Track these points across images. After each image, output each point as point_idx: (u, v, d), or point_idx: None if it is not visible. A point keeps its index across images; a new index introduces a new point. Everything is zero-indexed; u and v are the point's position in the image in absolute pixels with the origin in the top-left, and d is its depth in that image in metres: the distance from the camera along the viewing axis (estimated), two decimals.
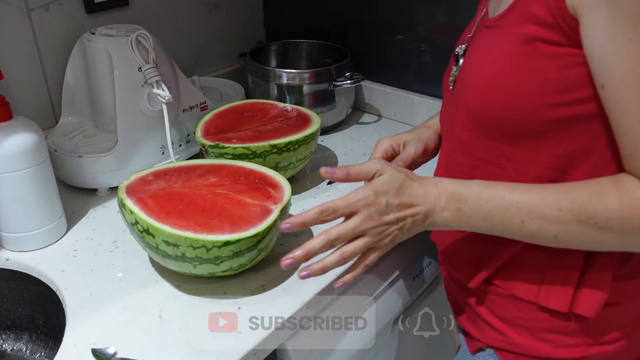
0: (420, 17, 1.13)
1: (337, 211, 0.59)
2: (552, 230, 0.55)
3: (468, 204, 0.58)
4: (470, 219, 0.58)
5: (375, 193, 0.59)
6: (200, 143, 0.90)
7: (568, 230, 0.54)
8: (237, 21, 1.33)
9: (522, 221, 0.56)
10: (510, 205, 0.56)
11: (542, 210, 0.55)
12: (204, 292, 0.72)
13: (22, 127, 0.74)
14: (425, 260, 0.97)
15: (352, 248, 0.60)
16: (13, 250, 0.79)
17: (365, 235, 0.60)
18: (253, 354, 0.64)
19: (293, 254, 0.60)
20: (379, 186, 0.59)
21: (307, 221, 0.60)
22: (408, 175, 0.61)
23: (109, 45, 0.88)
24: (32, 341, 0.85)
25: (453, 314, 0.80)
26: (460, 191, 0.59)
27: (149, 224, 0.67)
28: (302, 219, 0.60)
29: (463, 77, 0.64)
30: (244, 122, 0.96)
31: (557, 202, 0.54)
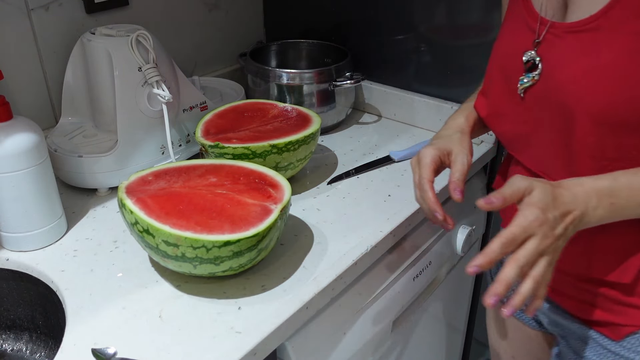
0: (420, 17, 1.13)
1: (516, 240, 0.58)
2: None
3: (621, 195, 0.60)
4: (625, 210, 0.60)
5: (542, 211, 0.58)
6: (200, 143, 0.90)
7: None
8: (237, 21, 1.33)
9: None
10: None
11: None
12: (204, 292, 0.72)
13: (22, 127, 0.74)
14: (425, 260, 0.97)
15: (539, 271, 0.59)
16: (13, 250, 0.79)
17: (545, 255, 0.59)
18: (253, 354, 0.64)
19: (495, 291, 0.57)
20: (541, 203, 0.59)
21: (493, 258, 0.58)
22: (551, 184, 0.61)
23: (109, 45, 0.88)
24: (32, 341, 0.85)
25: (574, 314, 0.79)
26: (610, 185, 0.60)
27: (149, 224, 0.67)
28: (488, 258, 0.58)
29: (566, 85, 0.63)
30: (244, 122, 0.95)
31: None
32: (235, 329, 0.66)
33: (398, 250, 0.91)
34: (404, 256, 0.92)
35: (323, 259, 0.78)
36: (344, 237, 0.83)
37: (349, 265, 0.77)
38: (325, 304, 0.76)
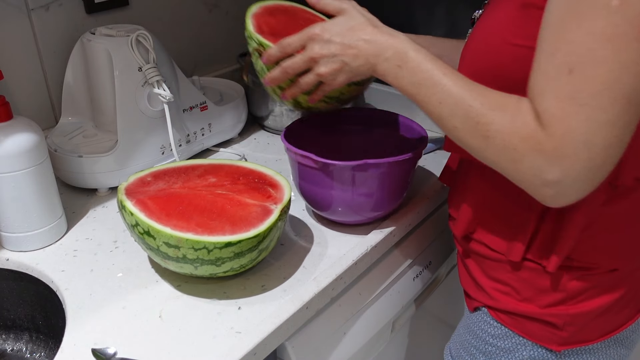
0: (420, 17, 1.13)
1: (292, 44, 0.71)
2: (455, 122, 0.60)
3: (408, 65, 0.64)
4: (403, 80, 0.64)
5: (322, 29, 0.68)
6: (259, 42, 0.77)
7: (465, 126, 0.60)
8: (237, 21, 1.32)
9: (440, 102, 0.61)
10: (437, 85, 0.61)
11: (457, 101, 0.60)
12: (204, 293, 0.72)
13: (22, 127, 0.74)
14: (425, 261, 0.97)
15: (289, 63, 0.71)
16: (13, 250, 0.79)
17: (310, 70, 0.71)
18: (253, 354, 0.64)
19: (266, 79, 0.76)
20: (329, 24, 0.69)
21: (272, 54, 0.73)
22: (370, 21, 0.68)
23: (109, 45, 0.88)
24: (32, 341, 0.85)
25: (459, 277, 0.83)
26: (407, 52, 0.64)
27: (150, 226, 0.67)
28: (267, 55, 0.73)
29: (471, 37, 0.68)
30: (298, 29, 0.79)
31: (472, 99, 0.59)
32: (235, 329, 0.66)
33: (398, 250, 0.91)
34: (404, 256, 0.92)
35: (323, 259, 0.78)
36: (344, 237, 0.83)
37: (349, 265, 0.77)
38: (325, 304, 0.76)
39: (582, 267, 0.67)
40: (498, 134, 0.57)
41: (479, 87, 0.60)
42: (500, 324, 0.73)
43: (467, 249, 0.77)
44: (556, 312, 0.69)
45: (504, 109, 0.57)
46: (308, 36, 0.69)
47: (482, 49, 0.64)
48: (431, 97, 0.62)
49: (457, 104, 0.60)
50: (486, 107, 0.58)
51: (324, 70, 0.69)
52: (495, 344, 0.74)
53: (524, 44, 0.59)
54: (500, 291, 0.72)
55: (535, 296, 0.69)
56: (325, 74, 0.69)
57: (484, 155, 0.60)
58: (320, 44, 0.68)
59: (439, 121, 0.63)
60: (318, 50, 0.68)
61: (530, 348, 0.71)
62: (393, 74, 0.65)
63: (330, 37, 0.67)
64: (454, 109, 0.60)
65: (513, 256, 0.69)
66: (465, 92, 0.60)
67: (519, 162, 0.56)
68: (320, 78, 0.71)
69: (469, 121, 0.59)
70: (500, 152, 0.57)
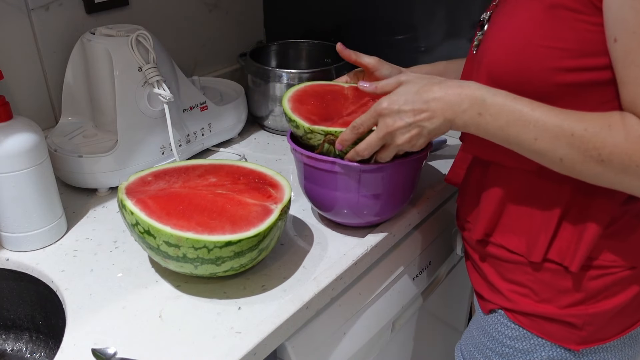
0: (420, 17, 1.13)
1: (363, 124, 0.69)
2: (560, 153, 0.58)
3: (490, 111, 0.61)
4: (488, 126, 0.61)
5: (389, 102, 0.65)
6: (326, 132, 0.75)
7: (574, 156, 0.57)
8: (237, 21, 1.33)
9: (536, 139, 0.59)
10: (529, 122, 0.58)
11: (556, 133, 0.57)
12: (204, 292, 0.72)
13: (22, 127, 0.74)
14: (425, 260, 0.97)
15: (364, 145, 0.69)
16: (13, 250, 0.79)
17: (387, 145, 0.69)
18: (253, 354, 0.64)
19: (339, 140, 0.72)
20: (394, 96, 0.66)
21: (346, 139, 0.71)
22: (431, 83, 0.65)
23: (109, 45, 0.88)
24: (32, 341, 0.85)
25: (470, 280, 0.83)
26: (485, 98, 0.61)
27: (150, 225, 0.67)
28: (341, 140, 0.72)
29: (486, 41, 0.67)
30: (336, 105, 0.83)
31: (572, 127, 0.56)
32: (235, 329, 0.66)
33: (398, 250, 0.91)
34: (404, 256, 0.92)
35: (323, 259, 0.78)
36: (344, 237, 0.83)
37: (349, 265, 0.77)
38: (325, 304, 0.76)
39: (602, 266, 0.67)
40: (614, 156, 0.55)
41: (574, 113, 0.58)
42: (518, 325, 0.73)
43: (482, 253, 0.77)
44: (576, 312, 0.68)
45: (610, 128, 0.55)
46: (377, 112, 0.67)
47: (502, 51, 0.63)
48: (525, 137, 0.59)
49: (557, 136, 0.57)
50: (591, 132, 0.55)
51: (403, 140, 0.66)
52: (513, 345, 0.73)
53: (551, 45, 0.58)
54: (517, 293, 0.72)
55: (554, 297, 0.69)
56: (405, 143, 0.67)
57: (603, 180, 0.57)
58: (392, 116, 0.65)
59: (541, 158, 0.60)
60: (392, 124, 0.66)
61: (549, 348, 0.71)
62: (475, 124, 0.62)
63: (399, 107, 0.65)
64: (555, 142, 0.57)
65: (534, 257, 0.68)
66: (561, 121, 0.57)
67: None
68: (399, 148, 0.68)
69: (575, 150, 0.56)
70: (622, 173, 0.55)
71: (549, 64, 0.59)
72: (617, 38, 0.54)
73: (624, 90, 0.55)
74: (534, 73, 0.60)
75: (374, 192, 0.77)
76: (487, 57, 0.66)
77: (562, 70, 0.59)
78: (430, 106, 0.64)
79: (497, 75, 0.64)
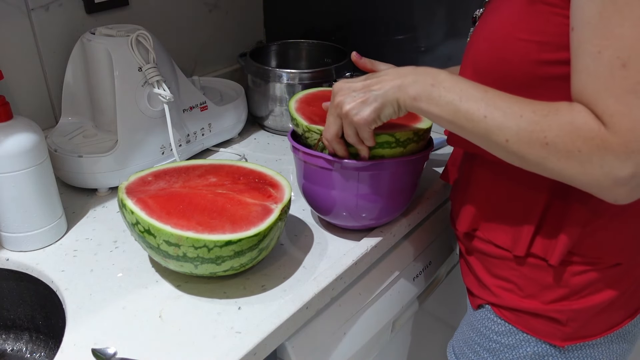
0: (420, 17, 1.13)
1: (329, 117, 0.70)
2: (507, 134, 0.57)
3: (443, 84, 0.61)
4: (440, 99, 0.61)
5: (343, 81, 0.68)
6: (321, 132, 0.75)
7: (520, 137, 0.56)
8: (237, 21, 1.33)
9: (485, 116, 0.58)
10: (480, 99, 0.59)
11: (505, 112, 0.57)
12: (204, 292, 0.72)
13: (22, 127, 0.74)
14: (425, 260, 0.97)
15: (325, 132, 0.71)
16: (13, 250, 0.79)
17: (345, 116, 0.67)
18: (253, 354, 0.64)
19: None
20: (355, 79, 0.68)
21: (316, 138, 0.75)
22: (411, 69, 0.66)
23: (109, 45, 0.88)
24: (32, 341, 0.85)
25: (462, 276, 0.84)
26: (440, 72, 0.62)
27: (150, 224, 0.67)
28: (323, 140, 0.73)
29: (474, 35, 0.68)
30: None
31: (521, 109, 0.57)
32: (235, 329, 0.66)
33: (398, 250, 0.91)
34: (404, 256, 0.92)
35: (323, 259, 0.78)
36: (344, 237, 0.83)
37: (349, 265, 0.77)
38: (325, 304, 0.76)
39: (585, 262, 0.67)
40: (558, 139, 0.54)
41: (526, 99, 0.58)
42: (504, 320, 0.73)
43: (469, 247, 0.78)
44: (559, 307, 0.69)
45: (557, 113, 0.55)
46: (332, 93, 0.68)
47: (486, 45, 0.64)
48: (475, 114, 0.59)
49: (506, 115, 0.57)
50: (539, 114, 0.56)
51: (347, 108, 0.66)
52: (499, 340, 0.74)
53: (529, 39, 0.59)
54: (503, 288, 0.73)
55: (538, 292, 0.70)
56: (348, 110, 0.66)
57: (545, 166, 0.57)
58: (343, 90, 0.67)
59: (487, 137, 0.59)
60: (342, 99, 0.66)
61: (534, 344, 0.72)
62: (427, 94, 0.61)
63: (351, 83, 0.67)
64: (503, 122, 0.57)
65: (518, 250, 0.69)
66: (513, 103, 0.57)
67: (587, 164, 0.54)
68: (347, 118, 0.67)
69: (522, 132, 0.56)
70: (564, 158, 0.55)
71: (528, 57, 0.60)
72: (574, 27, 0.54)
73: (574, 79, 0.55)
74: (515, 65, 0.61)
75: (372, 193, 0.76)
76: (472, 50, 0.67)
77: (542, 63, 0.59)
78: (380, 76, 0.65)
79: (481, 67, 0.65)
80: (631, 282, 0.69)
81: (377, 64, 0.81)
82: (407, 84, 0.63)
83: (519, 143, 0.57)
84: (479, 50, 0.66)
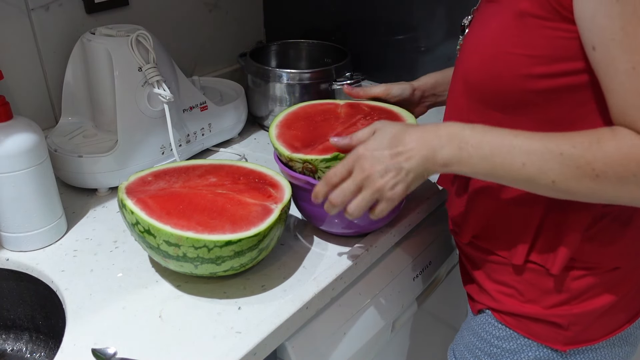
0: (420, 17, 1.13)
1: (337, 173, 0.65)
2: (551, 175, 0.55)
3: (470, 142, 0.58)
4: (472, 159, 0.58)
5: (365, 148, 0.63)
6: (304, 160, 0.74)
7: (566, 176, 0.55)
8: (237, 21, 1.33)
9: (523, 164, 0.56)
10: (512, 147, 0.56)
11: (544, 154, 0.55)
12: (204, 292, 0.72)
13: (22, 127, 0.74)
14: (425, 261, 0.97)
15: (353, 202, 0.64)
16: (13, 250, 0.79)
17: (363, 189, 0.64)
18: (253, 354, 0.64)
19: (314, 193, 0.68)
20: (370, 142, 0.64)
21: (319, 191, 0.67)
22: (406, 127, 0.64)
23: (109, 45, 0.88)
24: (32, 341, 0.85)
25: (462, 280, 0.84)
26: (464, 130, 0.59)
27: (150, 224, 0.67)
28: (315, 193, 0.67)
29: (463, 49, 0.67)
30: (324, 128, 0.81)
31: (559, 146, 0.54)
32: (235, 329, 0.66)
33: (398, 251, 0.91)
34: (404, 256, 0.92)
35: (323, 259, 0.78)
36: (344, 237, 0.83)
37: (349, 265, 0.77)
38: (325, 304, 0.76)
39: (584, 267, 0.67)
40: (608, 168, 0.52)
41: (559, 133, 0.56)
42: (505, 325, 0.73)
43: (469, 254, 0.77)
44: (560, 312, 0.69)
45: (599, 142, 0.53)
46: (353, 159, 0.64)
47: (476, 59, 0.64)
48: (512, 164, 0.56)
49: (546, 157, 0.55)
50: (579, 148, 0.54)
51: (381, 183, 0.62)
52: (500, 345, 0.74)
53: (520, 52, 0.58)
54: (504, 293, 0.72)
55: (539, 297, 0.70)
56: (382, 186, 0.62)
57: (601, 196, 0.55)
58: (369, 160, 0.62)
59: (532, 184, 0.57)
60: (369, 167, 0.62)
61: (536, 349, 0.71)
62: (457, 158, 0.59)
63: (376, 150, 0.62)
64: (544, 165, 0.55)
65: (516, 259, 0.69)
66: (547, 142, 0.55)
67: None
68: (378, 193, 0.63)
69: (567, 169, 0.54)
70: (619, 185, 0.53)
71: (519, 71, 0.59)
72: (595, 46, 0.53)
73: (611, 99, 0.54)
74: (506, 80, 0.60)
75: None
76: (462, 65, 0.66)
77: (534, 77, 0.59)
78: (407, 147, 0.61)
79: (472, 83, 0.64)
80: (631, 285, 0.69)
81: (370, 90, 0.82)
82: (435, 154, 0.60)
83: (566, 182, 0.55)
84: (469, 65, 0.65)
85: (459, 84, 0.67)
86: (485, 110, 0.65)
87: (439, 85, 0.88)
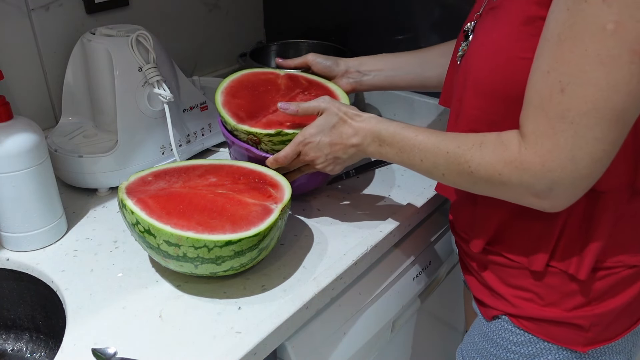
0: (420, 17, 1.13)
1: (287, 156, 0.78)
2: (441, 170, 0.66)
3: (386, 141, 0.71)
4: (388, 154, 0.71)
5: (310, 135, 0.76)
6: (248, 132, 0.81)
7: (451, 171, 0.65)
8: (237, 21, 1.33)
9: (421, 160, 0.68)
10: (413, 146, 0.68)
11: (435, 153, 0.66)
12: (204, 292, 0.72)
13: (22, 127, 0.74)
14: (425, 261, 0.97)
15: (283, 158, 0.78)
16: (13, 250, 0.79)
17: (304, 168, 0.81)
18: (253, 354, 0.64)
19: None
20: (313, 128, 0.76)
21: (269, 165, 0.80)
22: (345, 115, 0.74)
23: (109, 45, 0.88)
24: (32, 341, 0.85)
25: (469, 287, 0.82)
26: (381, 130, 0.71)
27: (150, 224, 0.67)
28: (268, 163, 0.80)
29: (470, 57, 0.68)
30: (266, 99, 0.87)
31: (447, 146, 0.65)
32: (235, 329, 0.66)
33: (398, 251, 0.91)
34: (404, 256, 0.92)
35: (323, 259, 0.78)
36: (344, 237, 0.83)
37: (349, 265, 0.77)
38: (325, 304, 0.76)
39: (607, 267, 0.67)
40: (480, 167, 0.61)
41: (451, 134, 0.66)
42: (524, 330, 0.72)
43: (481, 261, 0.76)
44: (583, 314, 0.68)
45: (481, 145, 0.62)
46: (298, 145, 0.77)
47: (488, 66, 0.64)
48: (414, 158, 0.68)
49: (436, 154, 0.65)
50: (462, 149, 0.63)
51: (321, 166, 0.77)
52: (518, 351, 0.73)
53: (532, 57, 0.58)
54: (522, 298, 0.71)
55: (560, 300, 0.69)
56: (321, 168, 0.78)
57: (475, 189, 0.65)
58: (313, 149, 0.76)
59: (430, 175, 0.69)
60: (313, 155, 0.76)
61: (555, 351, 0.71)
62: (378, 153, 0.72)
63: (319, 141, 0.75)
64: (435, 160, 0.66)
65: (535, 266, 0.68)
66: (439, 142, 0.65)
67: (507, 185, 0.60)
68: (314, 168, 0.79)
69: (451, 165, 0.64)
70: (488, 182, 0.61)
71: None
72: (540, 39, 0.56)
73: (526, 92, 0.58)
74: (520, 86, 0.60)
75: None
76: (472, 75, 0.67)
77: None
78: (343, 139, 0.74)
79: (484, 89, 0.65)
80: None
81: (297, 59, 0.94)
82: (364, 148, 0.73)
83: (452, 175, 0.65)
84: (481, 75, 0.65)
85: (470, 94, 0.67)
86: (497, 114, 0.65)
87: (364, 64, 0.94)
